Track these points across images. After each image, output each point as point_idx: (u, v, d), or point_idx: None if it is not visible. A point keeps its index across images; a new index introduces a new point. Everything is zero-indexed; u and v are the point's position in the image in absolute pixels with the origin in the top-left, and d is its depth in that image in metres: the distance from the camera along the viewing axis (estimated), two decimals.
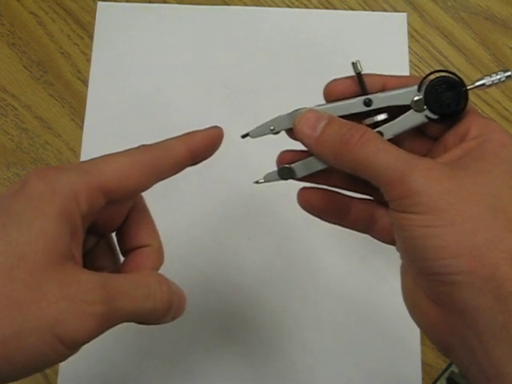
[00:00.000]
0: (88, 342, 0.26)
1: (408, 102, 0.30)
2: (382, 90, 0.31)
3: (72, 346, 0.25)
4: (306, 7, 0.57)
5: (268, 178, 0.32)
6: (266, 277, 0.50)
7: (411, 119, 0.30)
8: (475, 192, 0.25)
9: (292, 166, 0.32)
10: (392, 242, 0.32)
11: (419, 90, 0.30)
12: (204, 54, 0.52)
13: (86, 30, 0.56)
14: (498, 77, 0.30)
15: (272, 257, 0.50)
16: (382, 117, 0.30)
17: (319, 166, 0.31)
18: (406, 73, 0.55)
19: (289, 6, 0.57)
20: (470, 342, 0.25)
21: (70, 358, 0.48)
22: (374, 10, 0.56)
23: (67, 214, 0.25)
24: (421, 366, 0.48)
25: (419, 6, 0.57)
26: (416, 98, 0.30)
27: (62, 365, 0.47)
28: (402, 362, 0.48)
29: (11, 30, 0.56)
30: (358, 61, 0.30)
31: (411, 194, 0.26)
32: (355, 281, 0.50)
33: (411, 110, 0.30)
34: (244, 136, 0.32)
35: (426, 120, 0.30)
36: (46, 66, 0.55)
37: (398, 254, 0.29)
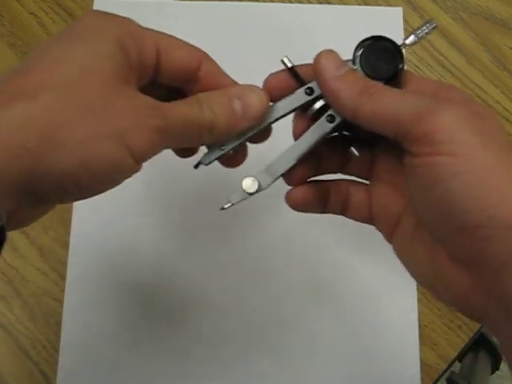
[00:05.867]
0: (150, 157, 0.27)
1: None
2: None
3: (137, 158, 0.26)
4: (301, 2, 0.57)
5: (234, 200, 0.31)
6: (263, 272, 0.50)
7: None
8: (488, 133, 0.24)
9: (255, 176, 0.30)
10: (366, 220, 0.32)
11: (354, 63, 0.29)
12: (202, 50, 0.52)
13: None
14: (426, 30, 0.30)
15: (269, 252, 0.50)
16: (321, 101, 0.30)
17: (284, 168, 0.30)
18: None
19: (284, 2, 0.57)
20: (507, 300, 0.23)
21: (70, 358, 0.49)
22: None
23: (125, 45, 0.27)
24: (420, 367, 0.48)
25: (419, 7, 0.57)
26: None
27: (61, 365, 0.47)
28: (400, 362, 0.48)
29: (11, 31, 0.56)
30: (286, 56, 0.30)
31: (440, 128, 0.24)
32: (354, 280, 0.50)
33: None
34: (196, 166, 0.31)
35: None
36: None
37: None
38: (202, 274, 0.50)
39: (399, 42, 0.30)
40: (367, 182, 0.33)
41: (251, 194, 0.31)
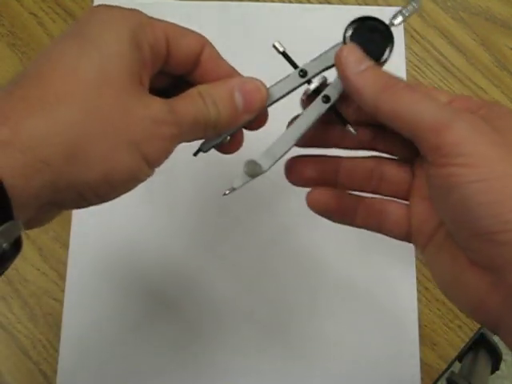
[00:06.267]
0: (163, 162, 0.27)
1: None
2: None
3: (153, 165, 0.27)
4: (301, 2, 0.57)
5: (236, 184, 0.31)
6: (263, 270, 0.50)
7: None
8: None
9: (256, 159, 0.30)
10: (405, 237, 0.31)
11: (345, 43, 0.30)
12: None
13: None
14: (411, 9, 0.31)
15: (270, 249, 0.50)
16: (315, 82, 0.30)
17: (283, 149, 0.30)
18: (403, 66, 0.55)
19: (284, 2, 0.57)
20: None
21: (70, 358, 0.48)
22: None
23: (138, 40, 0.26)
24: (420, 366, 0.48)
25: (419, 7, 0.57)
26: None
27: (61, 365, 0.47)
28: (400, 362, 0.48)
29: (11, 31, 0.56)
30: (278, 41, 0.31)
31: (458, 141, 0.24)
32: (353, 280, 0.50)
33: None
34: (196, 153, 0.31)
35: None
36: None
37: (398, 249, 0.28)
38: (201, 273, 0.50)
39: (387, 21, 0.31)
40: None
41: (253, 176, 0.30)
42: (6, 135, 0.23)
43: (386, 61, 0.30)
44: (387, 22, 0.30)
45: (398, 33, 0.55)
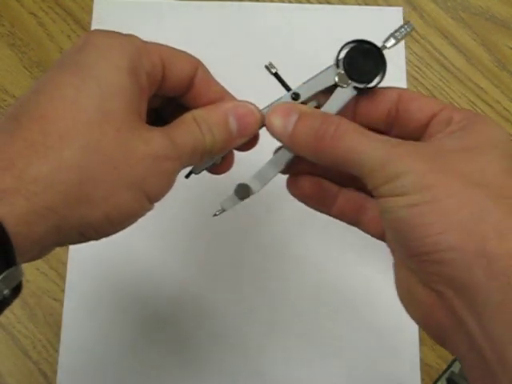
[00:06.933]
0: (164, 196, 0.28)
1: (333, 82, 0.30)
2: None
3: (154, 201, 0.27)
4: (301, 2, 0.57)
5: (225, 206, 0.31)
6: (261, 271, 0.50)
7: (341, 96, 0.30)
8: (459, 168, 0.25)
9: (247, 182, 0.31)
10: (380, 236, 0.32)
11: (338, 66, 0.30)
12: (201, 51, 0.52)
13: (86, 30, 0.56)
14: (404, 32, 0.30)
15: (268, 253, 0.50)
16: (312, 104, 0.31)
17: (272, 173, 0.31)
18: (403, 68, 0.55)
19: (284, 2, 0.57)
20: (467, 325, 0.24)
21: (70, 358, 0.48)
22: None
23: (136, 70, 0.26)
24: (420, 366, 0.48)
25: (419, 6, 0.57)
26: (339, 75, 0.30)
27: (61, 365, 0.47)
28: (400, 362, 0.48)
29: (11, 31, 0.56)
30: (270, 62, 0.31)
31: (394, 178, 0.25)
32: (353, 281, 0.50)
33: (338, 88, 0.30)
34: (188, 175, 0.32)
35: (356, 92, 0.30)
36: (46, 66, 0.55)
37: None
38: (201, 273, 0.50)
39: (379, 44, 0.30)
40: None
41: (243, 199, 0.31)
42: (11, 182, 0.22)
43: (376, 86, 0.30)
44: (380, 43, 0.30)
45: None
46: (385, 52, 0.30)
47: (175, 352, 0.48)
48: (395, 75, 0.55)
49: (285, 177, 0.33)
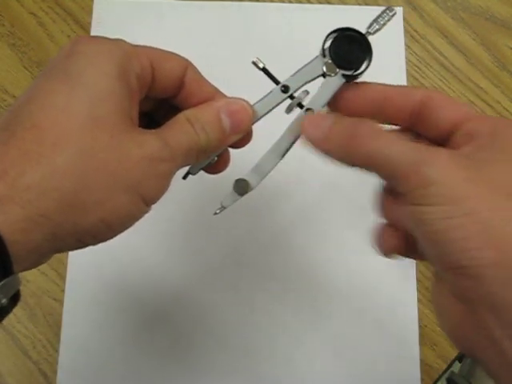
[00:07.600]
0: (160, 198, 0.28)
1: (321, 72, 0.30)
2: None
3: (151, 204, 0.27)
4: (301, 2, 0.57)
5: (226, 203, 0.31)
6: (261, 271, 0.50)
7: (331, 85, 0.30)
8: (494, 180, 0.24)
9: (245, 177, 0.31)
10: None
11: (324, 55, 0.30)
12: (202, 51, 0.52)
13: (85, 30, 0.56)
14: (386, 17, 0.30)
15: (268, 252, 0.50)
16: (301, 95, 0.31)
17: (270, 166, 0.31)
18: (403, 67, 0.55)
19: (284, 2, 0.57)
20: (499, 341, 0.23)
21: (70, 358, 0.48)
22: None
23: (125, 74, 0.26)
24: (420, 366, 0.48)
25: (419, 6, 0.57)
26: (326, 64, 0.30)
27: (61, 365, 0.47)
28: (400, 362, 0.48)
29: (11, 31, 0.56)
30: (257, 58, 0.31)
31: (429, 183, 0.24)
32: (354, 280, 0.50)
33: (327, 77, 0.30)
34: (185, 177, 0.32)
35: (344, 80, 0.30)
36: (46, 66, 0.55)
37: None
38: (201, 273, 0.50)
39: (363, 30, 0.30)
40: None
41: (242, 194, 0.31)
42: (4, 190, 0.22)
43: (364, 71, 0.30)
44: (364, 30, 0.30)
45: (397, 33, 0.55)
46: (384, 46, 0.30)
47: (175, 352, 0.48)
48: (395, 75, 0.55)
49: (285, 176, 0.33)
